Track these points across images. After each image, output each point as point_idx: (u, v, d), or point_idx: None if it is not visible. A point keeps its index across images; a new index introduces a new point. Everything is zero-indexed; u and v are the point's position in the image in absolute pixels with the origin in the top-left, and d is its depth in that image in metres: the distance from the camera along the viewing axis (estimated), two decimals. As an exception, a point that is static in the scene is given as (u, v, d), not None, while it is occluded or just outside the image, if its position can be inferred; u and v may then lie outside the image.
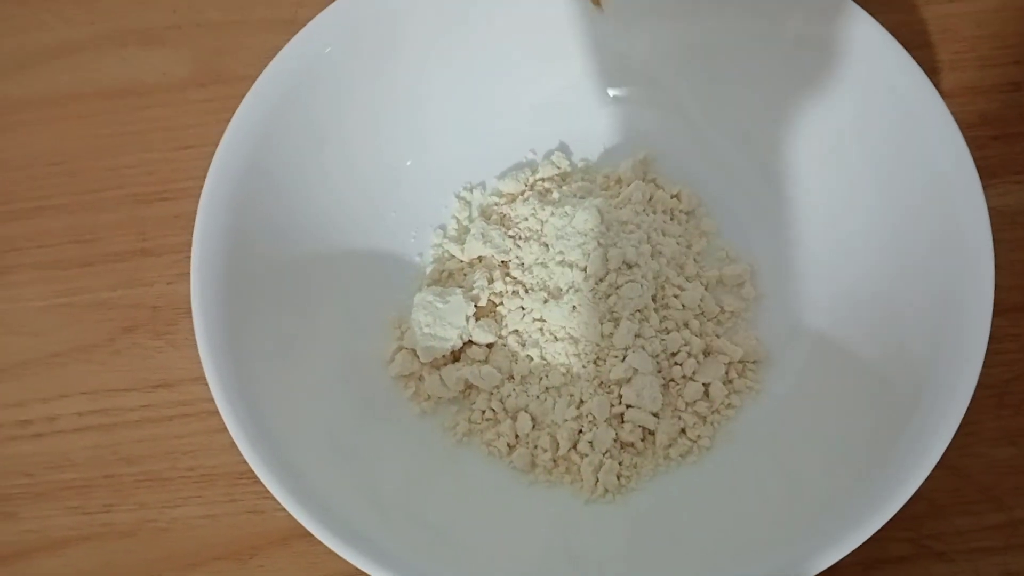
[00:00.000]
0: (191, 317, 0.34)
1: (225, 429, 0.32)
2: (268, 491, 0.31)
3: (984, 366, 0.31)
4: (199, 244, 0.35)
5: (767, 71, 0.39)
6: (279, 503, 0.31)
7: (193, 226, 0.35)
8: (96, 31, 0.46)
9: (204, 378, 0.33)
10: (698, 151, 0.41)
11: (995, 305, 0.32)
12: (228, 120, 0.36)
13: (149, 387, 0.40)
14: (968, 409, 0.31)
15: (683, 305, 0.37)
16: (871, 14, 0.36)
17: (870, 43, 0.36)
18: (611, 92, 0.42)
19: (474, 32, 0.40)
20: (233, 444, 0.32)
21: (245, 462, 0.32)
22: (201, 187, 0.35)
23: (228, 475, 0.38)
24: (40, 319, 0.41)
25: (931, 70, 0.42)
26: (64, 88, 0.45)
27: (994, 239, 0.33)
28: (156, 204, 0.43)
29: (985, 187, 0.34)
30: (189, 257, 0.34)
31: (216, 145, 0.36)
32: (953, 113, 0.35)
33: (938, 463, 0.30)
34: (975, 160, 0.34)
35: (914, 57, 0.36)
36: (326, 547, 0.31)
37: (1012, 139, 0.41)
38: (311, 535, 0.31)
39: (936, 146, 0.34)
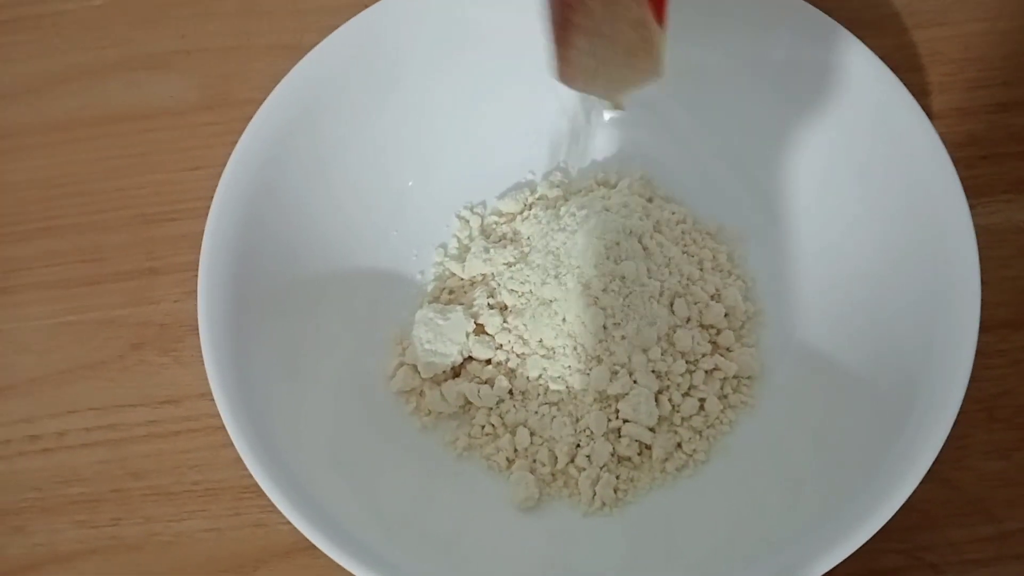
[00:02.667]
0: (197, 334, 0.34)
1: (229, 444, 0.33)
2: (272, 505, 0.32)
3: (974, 381, 0.32)
4: (206, 263, 0.35)
5: (760, 94, 0.40)
6: (283, 517, 0.32)
7: (200, 245, 0.36)
8: (105, 56, 0.47)
9: (209, 394, 0.33)
10: (692, 170, 0.41)
11: (984, 321, 0.32)
12: (235, 142, 0.37)
13: (156, 403, 0.40)
14: (959, 423, 0.31)
15: (680, 322, 0.38)
16: (860, 39, 0.37)
17: (859, 66, 0.37)
18: (607, 114, 0.42)
19: (474, 57, 0.41)
20: (237, 459, 0.32)
21: (249, 476, 0.32)
22: (208, 207, 0.36)
23: (232, 489, 0.38)
24: (49, 337, 0.42)
25: (920, 92, 0.43)
26: (73, 112, 0.46)
27: (982, 256, 0.33)
28: (164, 224, 0.43)
29: (974, 206, 0.34)
30: (196, 276, 0.35)
31: (223, 167, 0.37)
32: (941, 134, 0.35)
33: (931, 476, 0.30)
34: (964, 180, 0.34)
35: (903, 80, 0.37)
36: (329, 560, 0.31)
37: (999, 159, 0.42)
38: (314, 548, 0.31)
39: (924, 166, 0.35)
